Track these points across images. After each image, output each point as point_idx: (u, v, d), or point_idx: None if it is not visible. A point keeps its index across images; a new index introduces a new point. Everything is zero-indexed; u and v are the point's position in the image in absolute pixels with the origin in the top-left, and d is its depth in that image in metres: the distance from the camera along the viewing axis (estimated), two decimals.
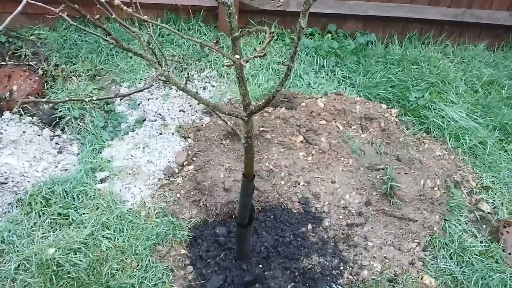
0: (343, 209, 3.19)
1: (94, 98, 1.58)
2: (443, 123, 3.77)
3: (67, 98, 1.63)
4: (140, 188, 3.17)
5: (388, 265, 2.90)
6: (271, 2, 4.47)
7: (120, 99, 3.79)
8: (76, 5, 1.42)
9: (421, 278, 2.86)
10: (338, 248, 2.97)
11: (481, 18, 4.69)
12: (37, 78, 3.71)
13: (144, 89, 1.95)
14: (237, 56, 1.49)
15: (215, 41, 1.55)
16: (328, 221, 3.11)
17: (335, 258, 2.92)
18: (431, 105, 3.95)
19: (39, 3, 1.39)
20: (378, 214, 3.17)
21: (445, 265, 2.93)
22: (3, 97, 1.29)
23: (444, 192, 3.29)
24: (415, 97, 4.00)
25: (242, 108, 2.11)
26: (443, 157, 3.56)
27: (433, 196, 3.21)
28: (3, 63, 4.00)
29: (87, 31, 1.59)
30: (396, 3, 4.63)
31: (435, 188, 3.27)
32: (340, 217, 3.15)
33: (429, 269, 2.92)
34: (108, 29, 1.63)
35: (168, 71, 1.92)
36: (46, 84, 3.80)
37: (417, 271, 2.91)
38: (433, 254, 3.00)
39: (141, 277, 2.70)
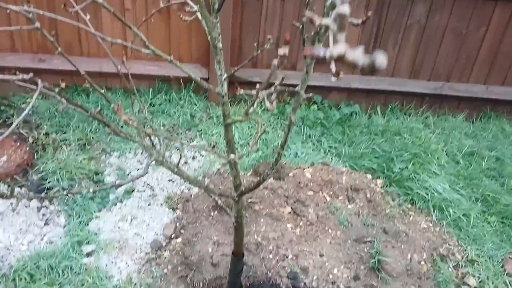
0: (332, 284, 3.18)
1: (91, 190, 1.62)
2: (427, 194, 3.86)
3: (64, 193, 1.68)
4: (126, 263, 3.14)
5: None
6: (259, 74, 4.65)
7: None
8: (61, 96, 1.49)
9: None
10: None
11: (460, 91, 4.94)
12: (27, 148, 3.74)
13: (139, 177, 2.01)
14: (232, 156, 1.57)
15: (211, 146, 1.62)
16: None
17: None
18: (414, 176, 4.05)
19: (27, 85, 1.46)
20: None
21: None
22: None
23: (431, 266, 3.31)
24: (399, 168, 4.11)
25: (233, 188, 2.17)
26: (429, 230, 3.61)
27: (420, 271, 3.23)
28: None
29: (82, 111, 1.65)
30: (378, 76, 4.86)
31: (422, 262, 3.30)
32: None
33: None
34: (106, 120, 1.70)
35: (163, 156, 1.99)
36: (37, 154, 3.83)
37: None
38: None
39: None
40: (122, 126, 4.27)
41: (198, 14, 1.77)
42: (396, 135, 4.54)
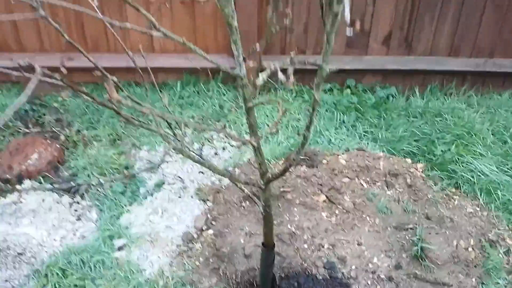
0: (372, 273, 3.00)
1: (103, 182, 1.54)
2: (473, 177, 3.59)
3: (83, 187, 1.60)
4: (158, 256, 3.08)
5: None
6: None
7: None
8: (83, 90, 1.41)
9: None
10: None
11: (504, 67, 4.60)
12: (58, 146, 3.75)
13: (157, 167, 1.92)
14: (247, 138, 1.43)
15: (223, 126, 1.49)
16: None
17: None
18: (458, 159, 3.79)
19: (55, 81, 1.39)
20: (410, 278, 2.96)
21: None
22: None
23: (479, 253, 3.07)
24: (441, 150, 3.86)
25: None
26: (475, 214, 3.36)
27: (468, 258, 3.00)
28: (26, 130, 4.09)
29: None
30: (415, 56, 4.60)
31: (469, 249, 3.06)
32: (369, 282, 2.95)
33: None
34: (117, 109, 1.61)
35: (182, 144, 1.88)
36: (67, 150, 3.84)
37: None
38: None
39: None
40: (150, 120, 4.22)
41: None
42: (437, 117, 4.28)
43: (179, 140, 1.89)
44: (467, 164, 3.71)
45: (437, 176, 3.71)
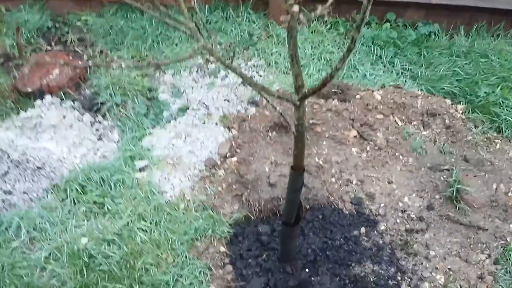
0: (401, 212, 2.85)
1: (123, 66, 1.38)
2: None
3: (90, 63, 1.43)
4: (180, 179, 2.98)
5: (453, 278, 2.54)
6: None
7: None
8: None
9: None
10: (395, 255, 2.64)
11: None
12: (80, 62, 3.60)
13: (184, 59, 1.73)
14: (296, 8, 1.22)
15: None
16: (384, 225, 2.79)
17: (391, 266, 2.59)
18: (503, 102, 3.52)
19: None
20: (442, 220, 2.80)
21: None
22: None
23: None
24: (485, 92, 3.59)
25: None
26: None
27: (507, 203, 2.81)
28: (49, 48, 3.94)
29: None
30: None
31: (510, 194, 2.87)
32: (398, 221, 2.81)
33: (500, 285, 2.53)
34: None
35: (212, 45, 1.68)
36: (90, 69, 3.70)
37: (487, 286, 2.53)
38: (506, 269, 2.60)
39: (177, 274, 2.49)
40: (176, 44, 4.02)
41: None
42: (482, 57, 3.96)
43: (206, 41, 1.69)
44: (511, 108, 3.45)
45: (478, 118, 3.46)
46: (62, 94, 3.42)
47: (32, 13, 4.26)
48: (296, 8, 1.24)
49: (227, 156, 3.13)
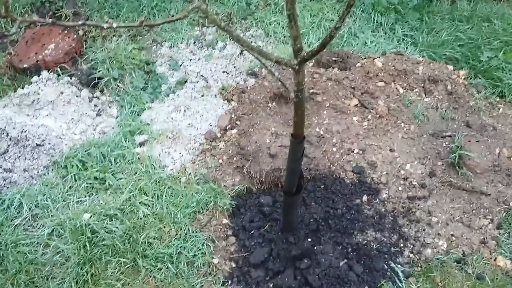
0: (403, 180, 2.84)
1: (114, 26, 1.33)
2: None
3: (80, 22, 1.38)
4: (180, 153, 2.96)
5: (456, 244, 2.55)
6: None
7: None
8: None
9: (495, 260, 2.50)
10: (397, 223, 2.64)
11: None
12: (75, 36, 3.54)
13: (176, 20, 1.67)
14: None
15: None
16: (386, 193, 2.78)
17: (393, 234, 2.59)
18: (505, 66, 3.47)
19: None
20: (444, 186, 2.80)
21: None
22: None
23: None
24: (487, 57, 3.53)
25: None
26: None
27: (510, 167, 2.79)
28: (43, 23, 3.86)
29: None
30: None
31: None
32: (400, 189, 2.81)
33: (503, 250, 2.55)
34: None
35: (207, 5, 1.62)
36: (85, 43, 3.63)
37: (490, 252, 2.54)
38: (509, 233, 2.61)
39: (180, 247, 2.51)
40: (172, 16, 3.94)
41: None
42: (485, 22, 3.88)
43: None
44: None
45: (481, 84, 3.41)
46: (59, 70, 3.38)
47: None
48: None
49: (227, 128, 3.10)
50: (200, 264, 2.45)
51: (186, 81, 3.44)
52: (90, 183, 2.76)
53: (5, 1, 1.18)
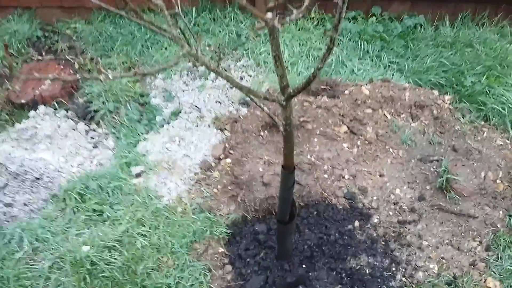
0: (394, 204, 2.93)
1: (111, 77, 1.43)
2: (504, 109, 3.42)
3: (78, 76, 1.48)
4: (176, 183, 3.03)
5: (446, 267, 2.62)
6: None
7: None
8: None
9: (484, 281, 2.57)
10: (389, 247, 2.72)
11: None
12: (71, 71, 3.64)
13: (169, 67, 1.77)
14: (269, 15, 1.26)
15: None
16: (377, 218, 2.86)
17: (386, 258, 2.66)
18: (489, 90, 3.60)
19: None
20: (433, 210, 2.88)
21: (511, 266, 2.62)
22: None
23: (508, 185, 2.96)
24: (471, 81, 3.66)
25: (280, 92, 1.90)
26: (505, 147, 3.21)
27: (496, 190, 2.89)
28: (39, 57, 3.97)
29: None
30: None
31: (498, 181, 2.95)
32: (391, 213, 2.89)
33: (493, 271, 2.62)
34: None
35: (197, 50, 1.73)
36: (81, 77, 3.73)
37: (480, 273, 2.61)
38: (498, 254, 2.69)
39: (178, 277, 2.55)
40: (165, 48, 4.07)
41: None
42: (467, 47, 4.03)
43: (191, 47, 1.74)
44: (498, 96, 3.52)
45: (466, 108, 3.54)
46: (56, 104, 3.46)
47: (21, 23, 4.28)
48: (270, 15, 1.29)
49: (221, 157, 3.19)
50: None
51: (180, 112, 3.53)
52: (89, 215, 2.81)
53: (8, 61, 1.27)
